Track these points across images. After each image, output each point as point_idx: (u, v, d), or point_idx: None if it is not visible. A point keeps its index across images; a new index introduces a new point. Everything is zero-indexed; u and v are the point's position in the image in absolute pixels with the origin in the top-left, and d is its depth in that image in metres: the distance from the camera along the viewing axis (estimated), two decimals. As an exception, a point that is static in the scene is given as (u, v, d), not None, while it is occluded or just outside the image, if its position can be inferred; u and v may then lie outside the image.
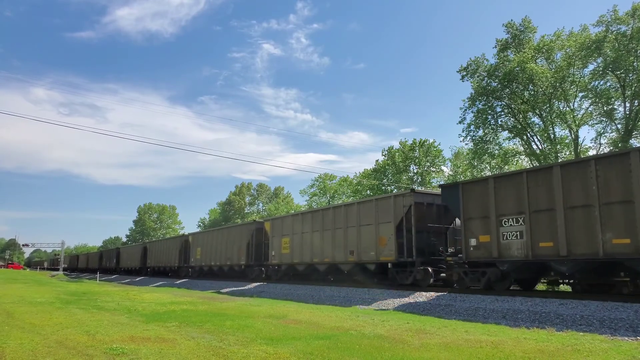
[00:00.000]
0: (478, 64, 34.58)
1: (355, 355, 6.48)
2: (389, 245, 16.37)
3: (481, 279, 13.41)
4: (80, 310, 12.68)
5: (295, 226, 21.98)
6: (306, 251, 20.82)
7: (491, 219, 12.90)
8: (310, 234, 20.66)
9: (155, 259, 42.48)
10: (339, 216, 19.18)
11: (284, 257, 22.65)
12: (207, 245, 31.66)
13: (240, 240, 27.20)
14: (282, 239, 22.81)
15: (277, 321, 10.18)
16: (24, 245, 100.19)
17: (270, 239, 23.90)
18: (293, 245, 21.78)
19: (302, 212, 22.46)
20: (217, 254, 29.97)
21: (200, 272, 33.82)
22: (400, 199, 16.46)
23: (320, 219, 20.25)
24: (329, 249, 19.42)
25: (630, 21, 28.42)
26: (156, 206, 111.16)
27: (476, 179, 16.56)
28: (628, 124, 29.43)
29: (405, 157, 47.33)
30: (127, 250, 54.76)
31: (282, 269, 23.35)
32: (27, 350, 6.87)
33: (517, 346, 7.06)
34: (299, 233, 21.49)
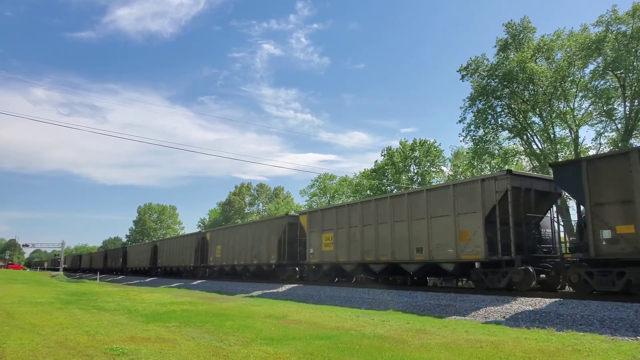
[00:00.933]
0: (478, 64, 34.61)
1: (356, 355, 6.48)
2: (475, 240, 13.45)
3: (616, 282, 10.74)
4: (81, 311, 12.68)
5: (340, 219, 19.07)
6: (355, 248, 17.98)
7: (637, 203, 10.20)
8: (360, 228, 17.76)
9: (167, 259, 39.62)
10: (400, 207, 16.20)
11: (326, 256, 19.74)
12: (229, 242, 28.87)
13: (269, 236, 24.35)
14: (323, 234, 19.96)
15: (277, 321, 10.18)
16: (24, 246, 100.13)
17: (308, 234, 21.10)
18: (338, 241, 19.00)
19: (349, 203, 19.53)
20: (241, 252, 27.17)
21: (220, 273, 31.15)
22: (492, 182, 13.37)
23: (373, 211, 17.30)
24: (386, 246, 16.54)
25: (630, 21, 28.43)
26: (156, 206, 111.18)
27: (610, 152, 14.40)
28: (628, 123, 29.43)
29: (405, 157, 47.33)
30: (135, 250, 51.52)
31: (324, 269, 20.39)
32: (27, 350, 6.87)
33: (517, 346, 7.06)
34: (345, 227, 18.61)
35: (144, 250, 46.65)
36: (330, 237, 19.65)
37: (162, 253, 40.96)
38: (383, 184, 46.96)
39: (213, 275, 31.93)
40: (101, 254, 67.08)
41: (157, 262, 41.94)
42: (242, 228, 28.49)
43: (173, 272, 38.72)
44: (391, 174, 47.86)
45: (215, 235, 31.40)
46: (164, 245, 41.44)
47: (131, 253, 51.75)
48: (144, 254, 46.09)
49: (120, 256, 54.25)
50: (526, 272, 12.62)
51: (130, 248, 54.77)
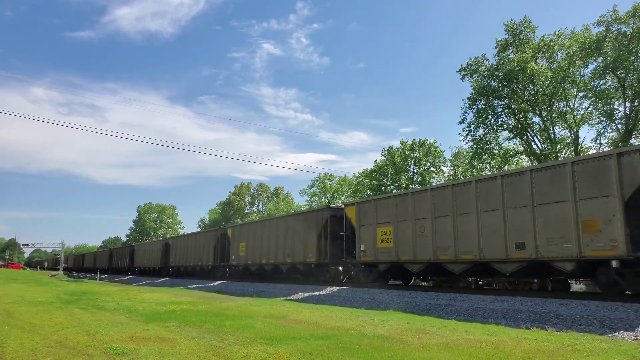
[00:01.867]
0: (478, 64, 34.62)
1: (355, 355, 6.48)
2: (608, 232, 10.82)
3: None
4: (80, 310, 12.68)
5: (401, 210, 16.23)
6: (424, 245, 15.14)
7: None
8: (430, 220, 15.04)
9: (180, 257, 36.43)
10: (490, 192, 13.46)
11: (382, 253, 16.89)
12: (255, 238, 25.90)
13: (306, 231, 21.45)
14: (378, 228, 17.29)
15: (277, 321, 10.18)
16: (24, 245, 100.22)
17: (358, 228, 18.21)
18: (398, 236, 16.15)
19: (415, 190, 16.28)
20: (271, 250, 24.28)
21: (244, 273, 28.21)
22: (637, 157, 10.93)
23: (449, 199, 14.45)
24: (470, 242, 13.73)
25: (630, 21, 28.43)
26: (156, 206, 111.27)
27: None
28: (628, 123, 29.44)
29: (405, 157, 47.36)
30: (144, 248, 47.88)
31: (380, 269, 17.43)
32: (27, 350, 6.86)
33: (517, 346, 7.06)
34: (409, 220, 15.78)
35: (154, 249, 43.42)
36: (388, 231, 16.68)
37: (174, 251, 37.95)
38: (383, 184, 46.97)
39: (236, 275, 29.09)
40: (106, 252, 63.96)
41: (169, 261, 38.96)
42: (272, 222, 25.30)
43: (188, 272, 36.06)
44: (391, 174, 47.90)
45: (239, 231, 28.29)
46: (177, 242, 38.28)
47: (139, 252, 48.45)
48: (154, 252, 42.93)
49: (127, 255, 51.08)
50: None
51: (139, 246, 50.92)
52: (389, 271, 17.50)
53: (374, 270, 17.77)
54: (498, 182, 13.10)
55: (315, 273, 21.38)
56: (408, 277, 18.36)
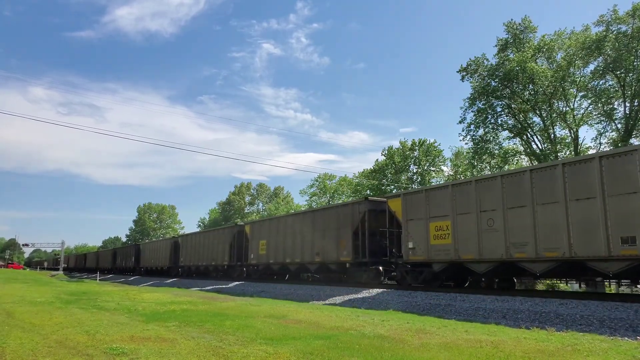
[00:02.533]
0: (478, 64, 34.61)
1: (355, 355, 6.48)
2: None
3: None
4: (80, 310, 12.68)
5: (460, 202, 14.26)
6: (492, 241, 13.20)
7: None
8: (500, 212, 13.09)
9: (191, 257, 34.47)
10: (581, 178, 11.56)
11: (438, 251, 14.69)
12: (278, 236, 23.85)
13: (339, 227, 19.26)
14: (431, 222, 14.89)
15: (277, 321, 10.18)
16: (24, 245, 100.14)
17: (404, 223, 15.96)
18: (457, 231, 14.22)
19: (479, 178, 14.22)
20: (297, 248, 22.13)
21: (264, 273, 26.20)
22: None
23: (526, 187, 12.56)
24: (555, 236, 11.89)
25: (630, 21, 28.44)
26: (156, 206, 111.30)
27: None
28: (628, 123, 29.45)
29: (405, 157, 47.40)
30: (151, 247, 45.34)
31: (434, 270, 15.08)
32: (27, 350, 6.86)
33: (517, 346, 7.06)
34: (472, 212, 13.80)
35: (161, 248, 41.03)
36: (445, 225, 14.62)
37: (185, 250, 35.72)
38: (383, 183, 46.99)
39: (254, 275, 26.87)
40: (109, 252, 61.65)
41: (178, 260, 36.79)
42: (298, 218, 23.06)
43: (200, 272, 34.09)
44: (391, 174, 47.94)
45: (258, 228, 26.18)
46: (188, 241, 35.99)
47: (146, 251, 46.11)
48: (161, 251, 40.60)
49: (132, 255, 48.61)
50: None
51: (145, 245, 48.32)
52: (445, 272, 15.17)
53: (426, 271, 15.55)
54: (594, 165, 11.11)
55: (351, 273, 19.24)
56: (464, 278, 16.24)
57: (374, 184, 47.48)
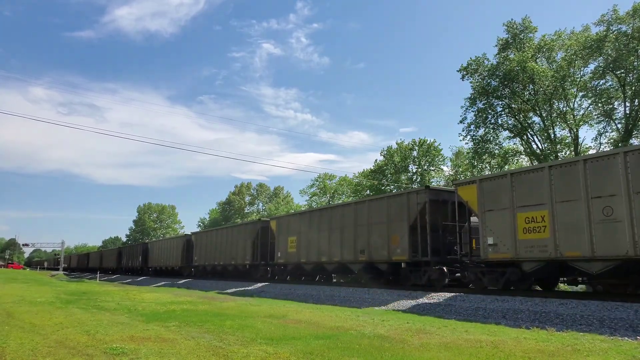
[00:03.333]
0: (478, 64, 34.62)
1: (355, 355, 6.48)
2: None
3: None
4: (80, 310, 12.68)
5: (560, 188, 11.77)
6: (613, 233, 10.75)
7: None
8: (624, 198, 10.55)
9: (206, 256, 32.18)
10: None
11: (527, 248, 12.31)
12: (310, 232, 21.35)
13: (390, 221, 16.92)
14: (520, 213, 12.55)
15: (277, 321, 10.18)
16: (24, 245, 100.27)
17: (481, 215, 13.51)
18: (556, 222, 11.80)
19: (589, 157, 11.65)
20: (334, 246, 19.63)
21: (294, 273, 23.97)
22: None
23: None
24: None
25: (630, 21, 28.45)
26: (156, 206, 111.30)
27: None
28: (628, 123, 29.46)
29: (404, 157, 47.43)
30: (160, 246, 42.40)
31: (525, 269, 12.60)
32: (27, 350, 6.86)
33: (517, 346, 7.06)
34: (579, 199, 11.34)
35: (172, 246, 38.41)
36: (540, 216, 12.01)
37: (199, 249, 33.37)
38: (382, 183, 47.00)
39: (282, 275, 24.71)
40: (114, 251, 58.79)
41: (191, 260, 34.52)
42: (336, 211, 20.25)
43: (217, 272, 32.00)
44: (391, 174, 47.98)
45: (286, 224, 23.80)
46: (203, 239, 33.46)
47: (154, 250, 43.27)
48: (172, 250, 38.05)
49: (139, 254, 45.88)
50: None
51: (153, 244, 45.37)
52: (539, 272, 12.66)
53: (512, 272, 13.02)
54: None
55: (406, 274, 16.60)
56: (555, 280, 13.91)
57: (373, 184, 47.51)
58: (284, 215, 26.61)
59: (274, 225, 24.74)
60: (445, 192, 16.54)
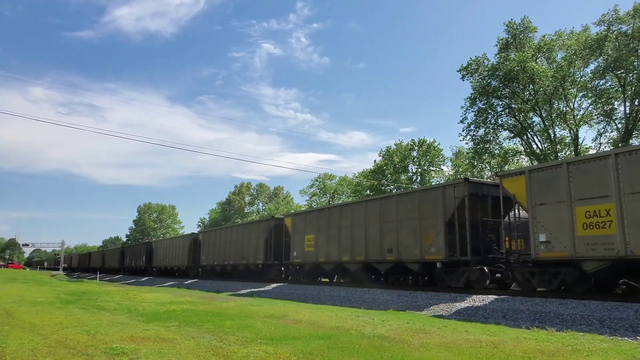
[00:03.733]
0: (479, 64, 34.62)
1: (355, 355, 6.48)
2: None
3: None
4: (80, 310, 12.68)
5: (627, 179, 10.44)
6: None
7: None
8: None
9: (215, 255, 30.57)
10: None
11: (589, 246, 10.92)
12: (330, 229, 19.97)
13: (423, 217, 15.60)
14: (578, 207, 11.23)
15: (277, 321, 10.18)
16: (24, 245, 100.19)
17: (531, 211, 12.22)
18: (626, 220, 10.35)
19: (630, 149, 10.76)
20: (357, 244, 18.22)
21: (311, 273, 22.16)
22: None
23: None
24: None
25: (631, 21, 28.44)
26: (156, 206, 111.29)
27: None
28: (628, 123, 29.46)
29: (403, 157, 47.43)
30: (165, 245, 40.97)
31: (586, 270, 11.21)
32: (27, 350, 6.86)
33: (517, 346, 7.06)
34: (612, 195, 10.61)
35: (178, 246, 37.09)
36: (604, 210, 10.67)
37: (207, 248, 31.88)
38: (382, 184, 47.01)
39: (298, 276, 23.13)
40: (116, 251, 57.36)
41: (199, 259, 33.16)
42: (359, 207, 18.92)
43: (226, 272, 30.36)
44: (390, 174, 47.98)
45: (303, 221, 22.36)
46: (211, 237, 31.80)
47: (159, 249, 41.80)
48: (178, 249, 36.77)
49: (143, 253, 44.55)
50: None
51: (158, 243, 43.80)
52: (602, 273, 11.23)
53: (568, 272, 11.51)
54: None
55: (442, 275, 15.29)
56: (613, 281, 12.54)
57: (373, 184, 47.52)
58: (300, 212, 25.01)
59: (289, 222, 23.37)
60: (485, 185, 15.40)
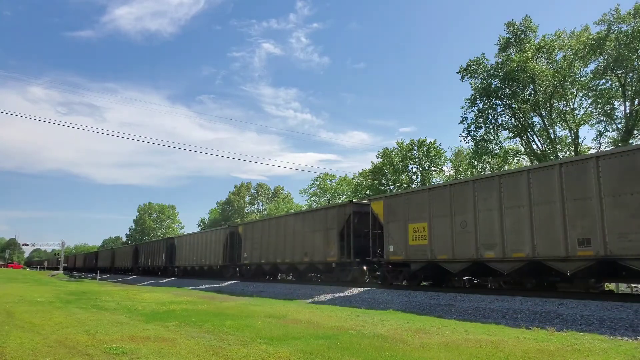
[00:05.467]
0: (478, 64, 34.59)
1: (355, 355, 6.48)
2: None
3: None
4: (80, 310, 12.68)
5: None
6: None
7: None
8: None
9: (262, 252, 24.75)
10: None
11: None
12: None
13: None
14: None
15: (277, 321, 10.18)
16: (24, 245, 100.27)
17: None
18: None
19: None
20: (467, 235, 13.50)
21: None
22: None
23: None
24: None
25: (632, 20, 28.42)
26: (156, 206, 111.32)
27: None
28: (628, 123, 29.45)
29: (404, 157, 47.42)
30: (191, 241, 34.75)
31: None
32: (27, 349, 6.86)
33: (517, 346, 7.06)
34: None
35: (210, 241, 30.93)
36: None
37: (250, 243, 26.04)
38: (382, 184, 46.99)
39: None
40: (129, 249, 51.50)
41: (238, 257, 27.54)
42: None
43: (278, 271, 25.01)
44: (390, 174, 47.97)
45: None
46: (257, 230, 25.92)
47: (183, 246, 35.86)
48: (209, 246, 30.82)
49: (163, 251, 38.79)
50: None
51: (182, 239, 37.21)
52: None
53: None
54: None
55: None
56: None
57: (373, 183, 47.51)
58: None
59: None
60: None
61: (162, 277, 38.02)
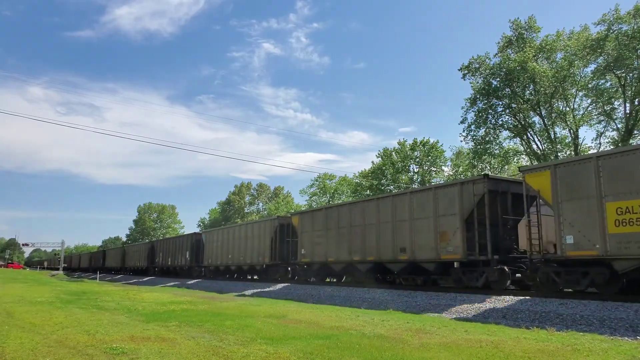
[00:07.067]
0: (480, 62, 34.56)
1: (355, 355, 6.48)
2: None
3: None
4: (80, 310, 12.68)
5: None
6: None
7: None
8: None
9: (327, 248, 19.96)
10: None
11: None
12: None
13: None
14: None
15: (277, 321, 10.18)
16: (24, 245, 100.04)
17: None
18: None
19: None
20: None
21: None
22: None
23: None
24: None
25: (631, 20, 28.41)
26: (156, 206, 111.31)
27: None
28: (628, 123, 29.46)
29: (405, 157, 47.42)
30: (222, 237, 30.08)
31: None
32: (27, 349, 6.86)
33: (517, 346, 7.05)
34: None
35: (252, 235, 26.48)
36: None
37: (309, 237, 21.31)
38: (382, 184, 46.99)
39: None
40: (144, 247, 46.38)
41: (291, 254, 23.53)
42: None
43: (346, 272, 20.52)
44: (390, 174, 47.96)
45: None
46: (312, 222, 21.46)
47: (214, 242, 31.05)
48: (251, 241, 26.42)
49: (186, 249, 34.52)
50: None
51: (212, 234, 32.19)
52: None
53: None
54: None
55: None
56: None
57: (373, 184, 47.51)
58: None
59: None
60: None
61: (186, 278, 33.67)
